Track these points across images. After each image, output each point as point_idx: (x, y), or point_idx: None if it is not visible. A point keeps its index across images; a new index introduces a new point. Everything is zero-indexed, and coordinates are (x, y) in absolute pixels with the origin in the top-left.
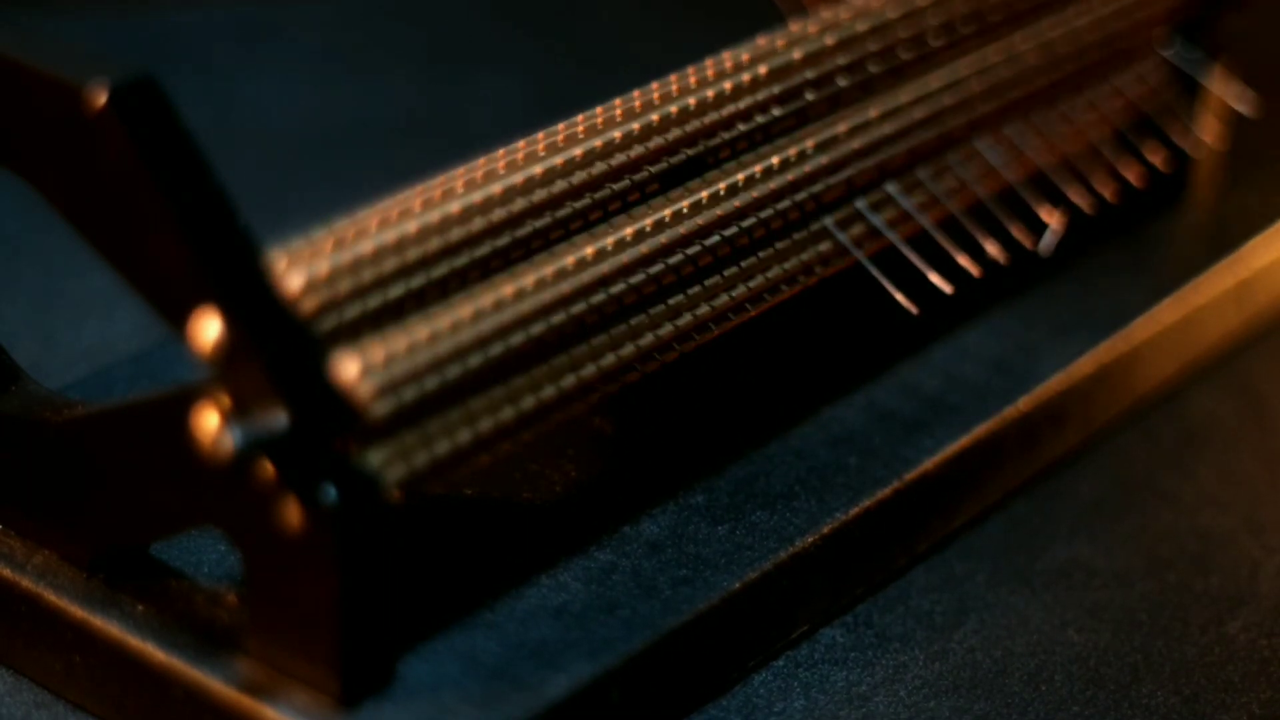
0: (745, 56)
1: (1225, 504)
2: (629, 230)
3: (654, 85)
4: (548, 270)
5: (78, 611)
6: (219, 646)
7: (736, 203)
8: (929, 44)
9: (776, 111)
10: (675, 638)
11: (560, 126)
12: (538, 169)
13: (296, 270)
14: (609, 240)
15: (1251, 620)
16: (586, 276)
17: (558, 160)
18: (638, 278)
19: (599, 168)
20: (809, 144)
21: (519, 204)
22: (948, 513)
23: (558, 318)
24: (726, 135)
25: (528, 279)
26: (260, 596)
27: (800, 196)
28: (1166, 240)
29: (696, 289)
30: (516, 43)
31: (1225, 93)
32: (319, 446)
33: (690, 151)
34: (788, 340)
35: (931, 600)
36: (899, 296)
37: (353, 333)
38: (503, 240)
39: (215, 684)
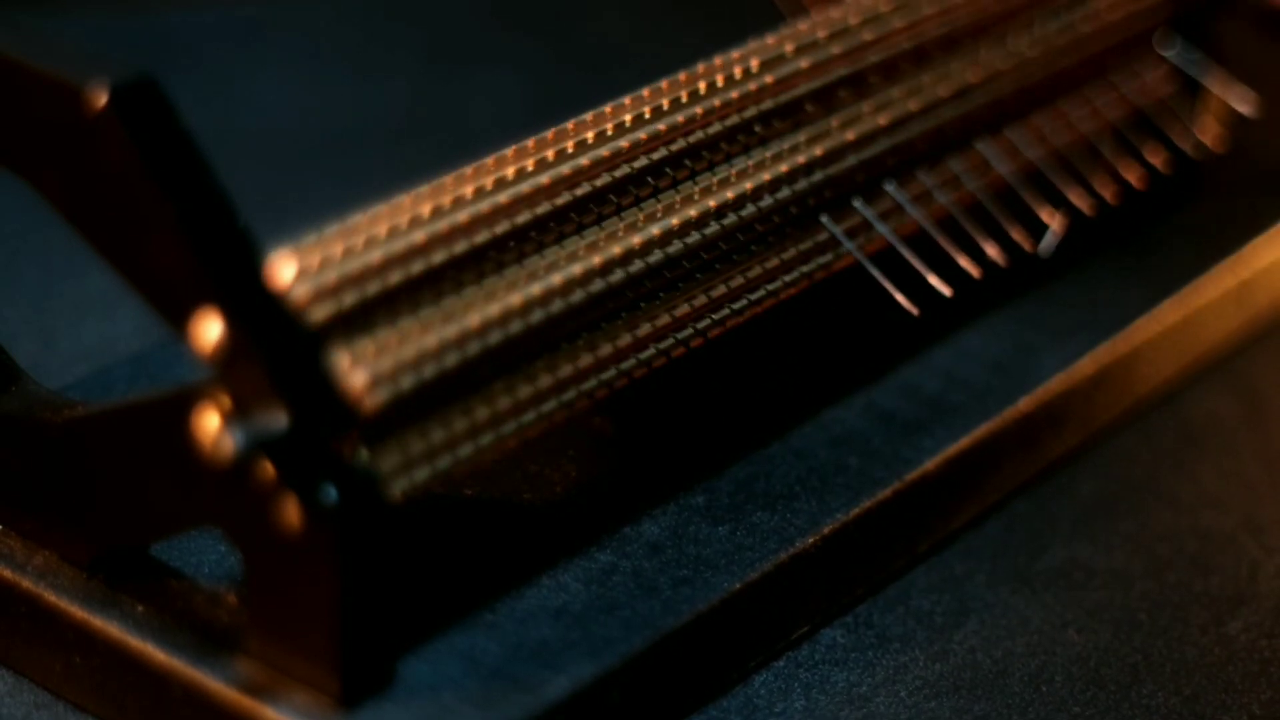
0: (745, 56)
1: (1225, 504)
2: (632, 233)
3: (654, 85)
4: (548, 271)
5: (78, 612)
6: (219, 646)
7: (736, 203)
8: (929, 45)
9: (776, 112)
10: (675, 638)
11: (559, 128)
12: (538, 170)
13: (297, 270)
14: (610, 241)
15: (1252, 620)
16: (587, 277)
17: (558, 161)
18: (640, 280)
19: (599, 169)
20: (809, 144)
21: (520, 206)
22: (948, 513)
23: (561, 321)
24: (726, 135)
25: (528, 280)
26: (260, 596)
27: (800, 196)
28: (1167, 241)
29: (697, 288)
30: (516, 43)
31: (1225, 93)
32: (319, 447)
33: (690, 152)
34: (788, 341)
35: (932, 601)
36: (899, 297)
37: (353, 333)
38: (504, 242)
39: (215, 684)
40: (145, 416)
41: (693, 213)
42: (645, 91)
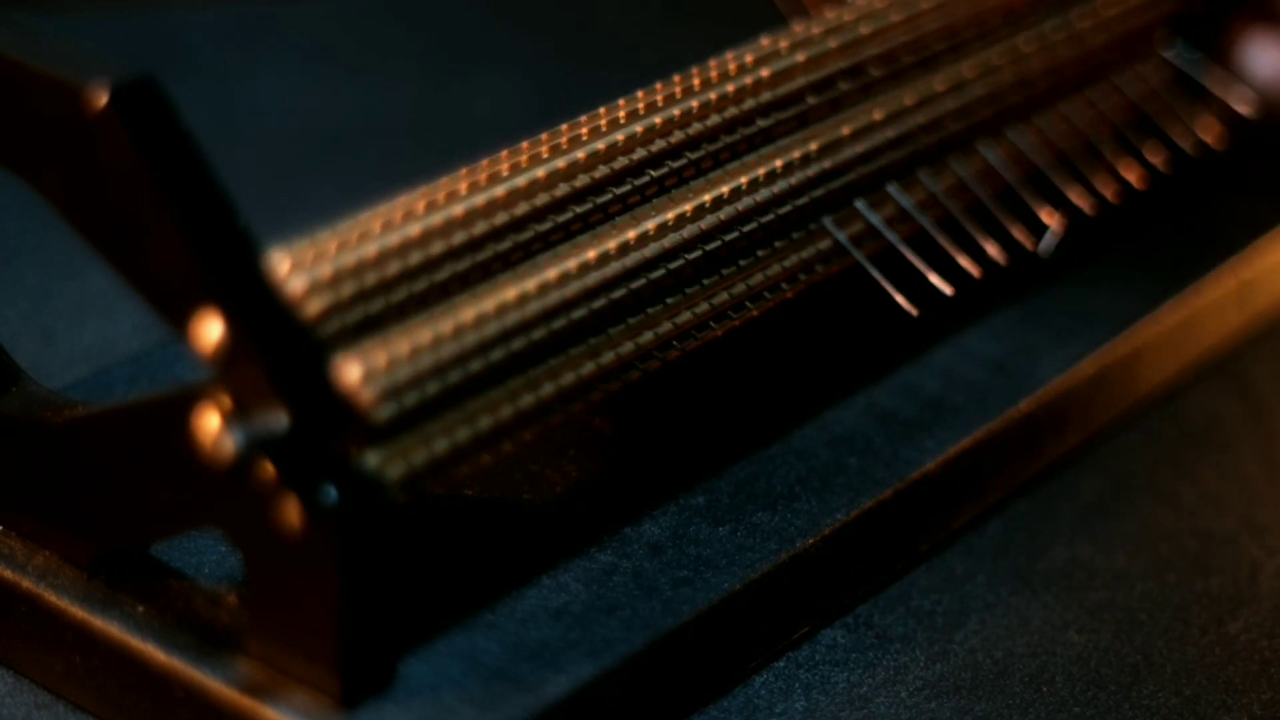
0: (746, 57)
1: (1225, 504)
2: (630, 231)
3: (655, 86)
4: (548, 271)
5: (78, 612)
6: (219, 647)
7: (737, 203)
8: (930, 45)
9: (777, 112)
10: (676, 638)
11: (561, 128)
12: (539, 170)
13: (297, 271)
14: (610, 241)
15: (1252, 621)
16: (587, 277)
17: (559, 162)
18: (638, 278)
19: (600, 169)
20: (810, 145)
21: (521, 205)
22: (948, 513)
23: (558, 318)
24: (727, 136)
25: (529, 280)
26: (261, 597)
27: (801, 197)
28: (1167, 241)
29: (697, 289)
30: (516, 43)
31: (1225, 94)
32: (319, 447)
33: (691, 153)
34: (788, 341)
35: (932, 601)
36: (899, 298)
37: (353, 333)
38: (504, 241)
39: (215, 684)
40: (145, 416)
41: (694, 214)
42: (646, 93)
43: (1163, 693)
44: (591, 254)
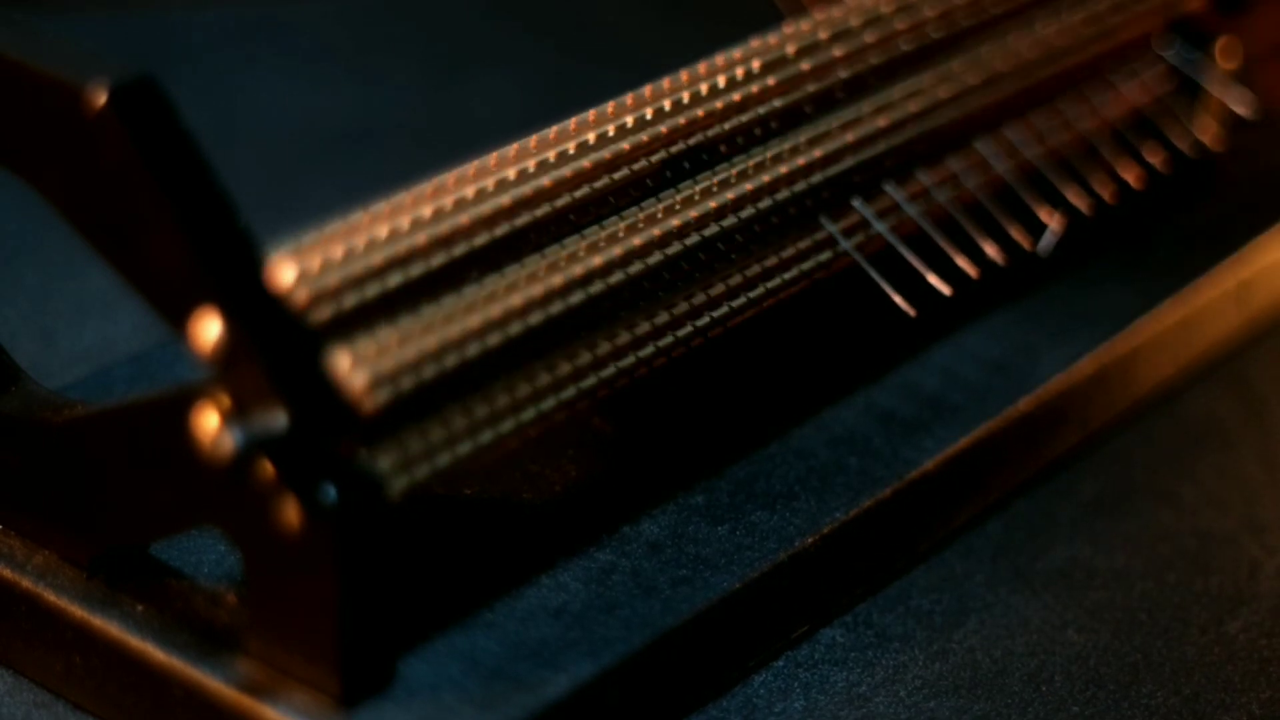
0: (744, 56)
1: (1225, 504)
2: (627, 228)
3: (654, 85)
4: (547, 272)
5: (78, 611)
6: (219, 646)
7: (736, 203)
8: (928, 44)
9: (776, 111)
10: (675, 638)
11: (559, 126)
12: (537, 169)
13: (297, 270)
14: (608, 238)
15: (1251, 620)
16: (586, 276)
17: (556, 160)
18: (636, 276)
19: (598, 167)
20: (808, 144)
21: (518, 205)
22: (948, 513)
23: (558, 318)
24: (725, 135)
25: (527, 280)
26: (260, 596)
27: (799, 196)
28: (1167, 241)
29: (695, 288)
30: (516, 42)
31: (1224, 94)
32: (319, 446)
33: (689, 151)
34: (788, 340)
35: (932, 600)
36: (897, 299)
37: (353, 333)
38: (502, 242)
39: (215, 684)
40: (145, 416)
41: (693, 213)
42: (646, 91)
43: (1162, 692)
44: (589, 251)
